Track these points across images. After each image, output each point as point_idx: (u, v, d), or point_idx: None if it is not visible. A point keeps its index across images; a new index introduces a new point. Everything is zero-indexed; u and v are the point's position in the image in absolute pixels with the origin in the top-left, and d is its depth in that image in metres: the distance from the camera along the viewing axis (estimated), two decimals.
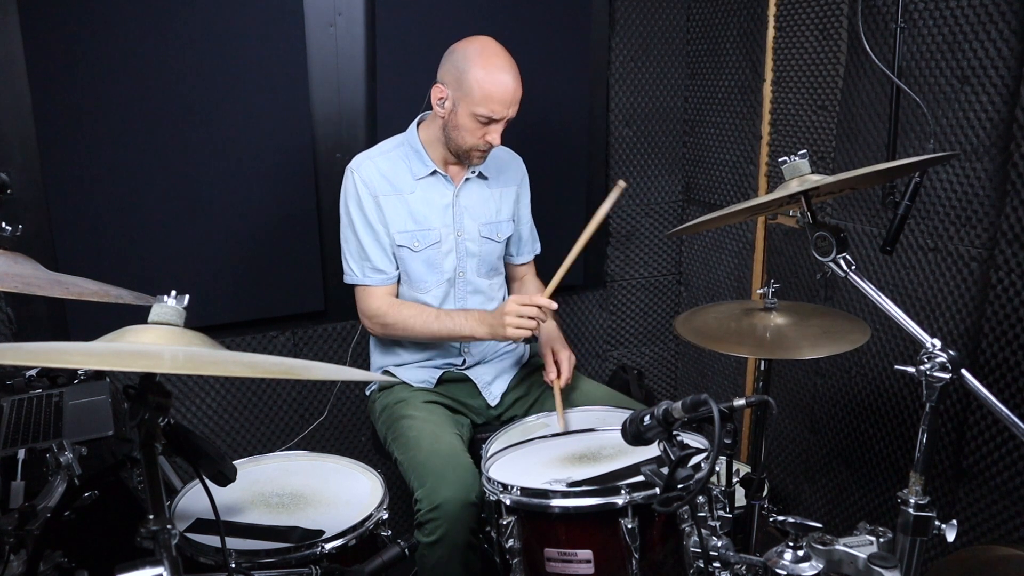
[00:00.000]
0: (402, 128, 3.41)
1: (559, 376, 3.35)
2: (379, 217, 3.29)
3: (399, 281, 3.39)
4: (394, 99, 3.85)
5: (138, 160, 3.54)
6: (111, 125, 3.47)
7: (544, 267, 3.78)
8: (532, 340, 3.60)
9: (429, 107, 3.29)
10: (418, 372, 3.47)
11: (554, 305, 3.13)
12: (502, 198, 3.52)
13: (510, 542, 2.63)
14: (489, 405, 3.49)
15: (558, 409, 3.23)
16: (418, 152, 3.34)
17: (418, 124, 3.40)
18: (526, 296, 3.15)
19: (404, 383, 3.46)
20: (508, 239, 3.60)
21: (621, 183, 3.17)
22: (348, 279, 3.39)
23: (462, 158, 3.29)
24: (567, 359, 3.40)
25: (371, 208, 3.28)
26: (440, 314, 3.30)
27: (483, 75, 3.08)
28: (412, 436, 3.16)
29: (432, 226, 3.34)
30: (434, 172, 3.34)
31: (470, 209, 3.42)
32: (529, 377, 3.59)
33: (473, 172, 3.40)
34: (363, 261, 3.33)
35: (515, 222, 3.61)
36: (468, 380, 3.50)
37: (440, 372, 3.47)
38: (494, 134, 3.17)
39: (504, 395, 3.53)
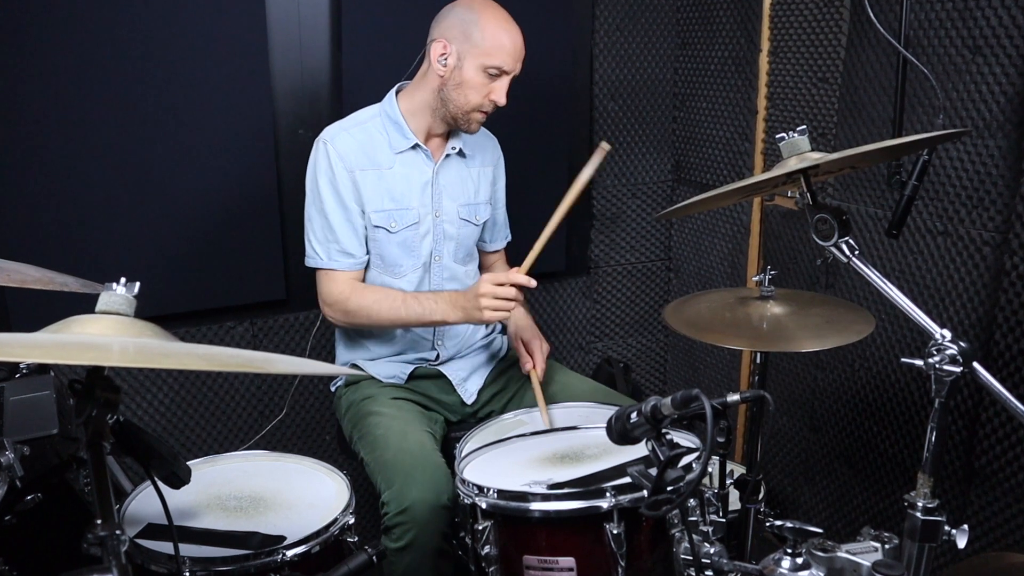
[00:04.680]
0: (368, 103, 3.41)
1: (535, 366, 3.38)
2: (354, 195, 3.27)
3: (368, 267, 3.39)
4: (361, 71, 3.85)
5: (84, 137, 3.53)
6: (54, 100, 3.45)
7: (524, 253, 3.79)
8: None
9: (412, 75, 3.30)
10: (388, 367, 3.47)
11: (532, 283, 3.13)
12: (480, 178, 3.53)
13: (486, 549, 2.63)
14: (464, 402, 3.50)
15: (540, 405, 3.25)
16: (397, 123, 3.33)
17: (397, 93, 3.40)
18: (501, 274, 3.16)
19: (372, 378, 3.46)
20: (484, 223, 3.61)
21: (604, 145, 3.19)
22: (310, 262, 3.36)
23: (462, 124, 3.28)
24: (539, 348, 3.42)
25: (345, 184, 3.26)
26: (407, 298, 3.29)
27: (494, 25, 3.15)
28: (379, 434, 3.16)
29: (410, 205, 3.34)
30: (415, 146, 3.33)
31: (449, 189, 3.42)
32: (507, 371, 3.60)
33: (453, 148, 3.41)
34: (330, 243, 3.31)
35: (491, 205, 3.62)
36: (441, 376, 3.50)
37: (411, 368, 3.47)
38: (500, 92, 3.21)
39: (480, 391, 3.54)
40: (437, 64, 3.23)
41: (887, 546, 2.35)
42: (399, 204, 3.33)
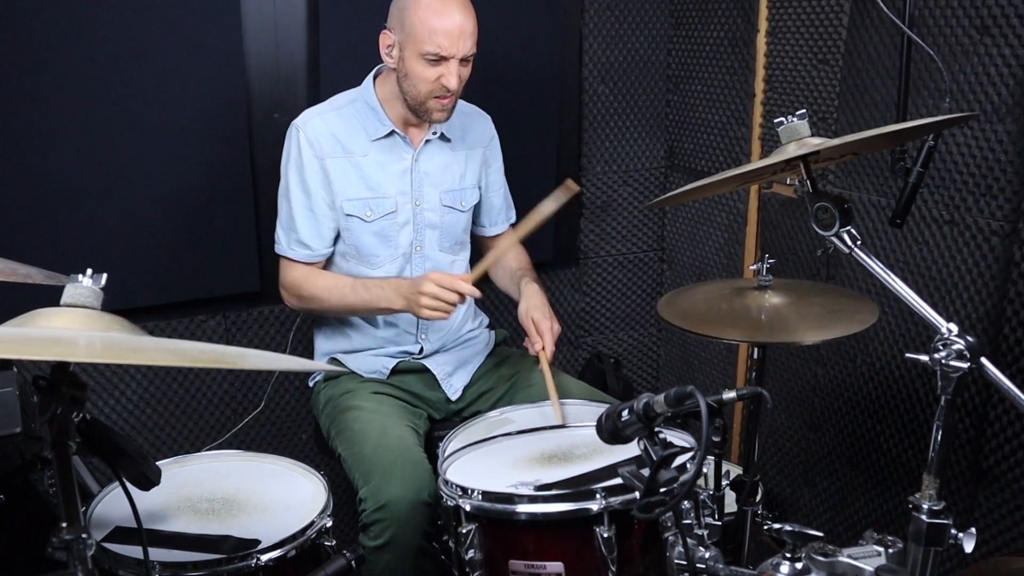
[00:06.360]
0: (348, 86, 3.41)
1: (544, 347, 3.36)
2: (322, 183, 3.29)
3: (344, 258, 3.40)
4: (339, 53, 3.84)
5: (48, 120, 3.51)
6: (16, 81, 3.43)
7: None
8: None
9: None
10: (369, 361, 3.47)
11: (477, 293, 3.18)
12: (467, 162, 3.52)
13: (470, 553, 2.62)
14: (449, 399, 3.50)
15: (551, 394, 3.23)
16: (374, 110, 3.34)
17: (375, 77, 3.40)
18: (448, 276, 3.16)
19: (352, 372, 3.46)
20: (476, 208, 3.62)
21: (572, 184, 3.19)
22: (276, 247, 3.42)
23: (422, 114, 3.27)
24: (549, 328, 3.38)
25: (313, 173, 3.27)
26: (356, 285, 3.31)
27: (425, 9, 3.10)
28: (357, 429, 3.16)
29: (387, 194, 3.35)
30: (391, 133, 3.34)
31: (431, 175, 3.41)
32: (496, 369, 3.60)
33: (434, 133, 3.40)
34: (290, 231, 3.35)
35: (482, 189, 3.61)
36: (426, 371, 3.50)
37: (394, 362, 3.47)
38: (449, 76, 3.15)
39: (467, 388, 3.54)
40: (385, 57, 3.25)
41: (891, 550, 2.35)
42: (375, 192, 3.33)
